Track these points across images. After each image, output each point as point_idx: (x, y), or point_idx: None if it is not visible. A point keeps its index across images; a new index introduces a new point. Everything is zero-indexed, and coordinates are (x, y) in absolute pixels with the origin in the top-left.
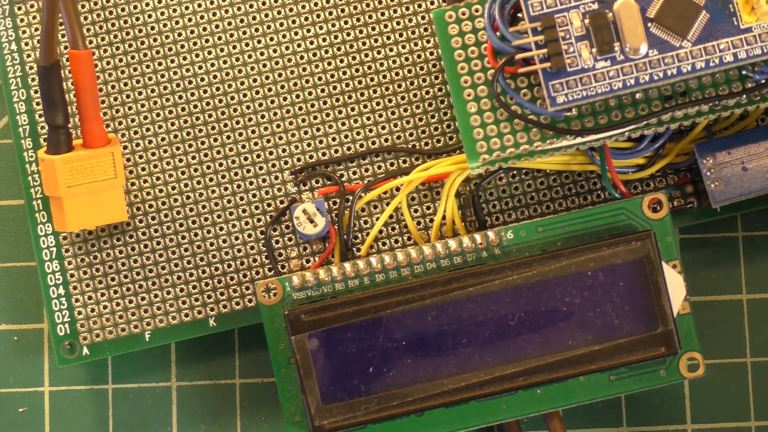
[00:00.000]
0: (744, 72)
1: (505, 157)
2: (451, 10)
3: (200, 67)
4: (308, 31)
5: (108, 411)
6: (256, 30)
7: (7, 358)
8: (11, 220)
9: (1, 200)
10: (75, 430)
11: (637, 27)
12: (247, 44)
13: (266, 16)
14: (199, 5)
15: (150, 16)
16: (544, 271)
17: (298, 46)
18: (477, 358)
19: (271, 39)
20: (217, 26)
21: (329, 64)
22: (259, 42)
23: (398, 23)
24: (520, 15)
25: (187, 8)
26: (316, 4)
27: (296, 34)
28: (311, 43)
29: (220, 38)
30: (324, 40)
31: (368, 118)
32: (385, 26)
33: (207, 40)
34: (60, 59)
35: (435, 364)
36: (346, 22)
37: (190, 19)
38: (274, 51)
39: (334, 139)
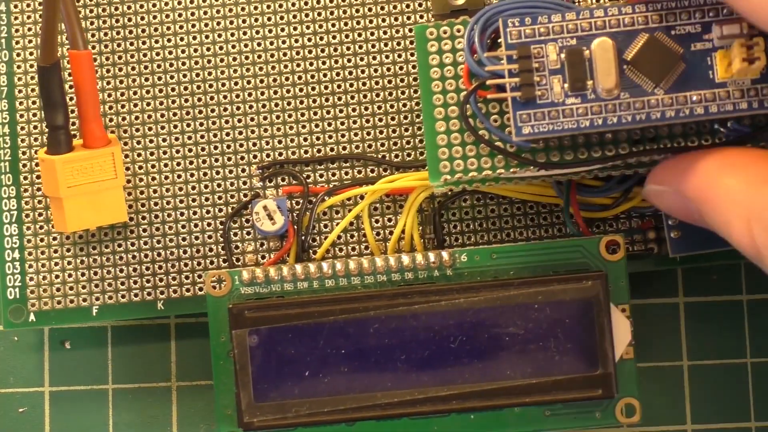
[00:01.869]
0: (716, 126)
1: (467, 180)
2: (433, 27)
3: (183, 64)
4: (295, 29)
5: (108, 411)
6: (243, 21)
7: (7, 358)
8: None
9: None
10: (75, 430)
11: (611, 68)
12: (232, 34)
13: (255, 9)
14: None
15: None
16: (491, 298)
17: (283, 42)
18: (413, 375)
19: (257, 32)
20: (206, 24)
21: (311, 64)
22: (244, 33)
23: (385, 33)
24: (500, 41)
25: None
26: (306, 3)
27: (282, 30)
28: (296, 41)
29: (207, 37)
30: (309, 40)
31: (342, 123)
32: (372, 34)
33: (194, 38)
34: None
35: (371, 376)
36: (333, 25)
37: (182, 14)
38: (258, 44)
39: (305, 140)
